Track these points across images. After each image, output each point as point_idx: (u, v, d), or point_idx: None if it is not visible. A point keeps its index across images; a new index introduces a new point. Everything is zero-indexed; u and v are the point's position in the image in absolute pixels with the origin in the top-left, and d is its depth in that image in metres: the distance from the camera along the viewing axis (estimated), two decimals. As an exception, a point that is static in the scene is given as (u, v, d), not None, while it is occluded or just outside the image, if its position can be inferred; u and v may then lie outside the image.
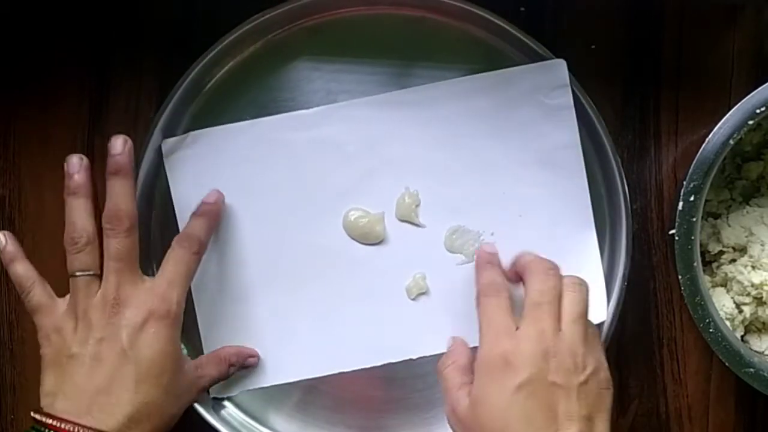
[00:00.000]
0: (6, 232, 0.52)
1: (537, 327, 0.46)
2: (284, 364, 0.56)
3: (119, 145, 0.50)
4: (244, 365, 0.55)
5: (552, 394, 0.45)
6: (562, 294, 0.48)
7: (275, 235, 0.55)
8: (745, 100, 0.50)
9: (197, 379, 0.53)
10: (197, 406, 0.54)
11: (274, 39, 0.55)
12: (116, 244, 0.49)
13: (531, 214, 0.55)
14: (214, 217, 0.54)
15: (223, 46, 0.54)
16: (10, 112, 0.58)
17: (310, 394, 0.56)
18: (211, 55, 0.54)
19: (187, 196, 0.55)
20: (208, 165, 0.55)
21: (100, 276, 0.50)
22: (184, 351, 0.55)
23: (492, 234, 0.55)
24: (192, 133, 0.55)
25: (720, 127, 0.50)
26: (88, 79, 0.58)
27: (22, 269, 0.51)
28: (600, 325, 0.55)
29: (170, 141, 0.55)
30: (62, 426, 0.46)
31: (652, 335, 0.58)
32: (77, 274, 0.50)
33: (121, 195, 0.50)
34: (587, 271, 0.55)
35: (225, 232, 0.56)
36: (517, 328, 0.47)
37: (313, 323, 0.56)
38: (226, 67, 0.55)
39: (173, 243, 0.52)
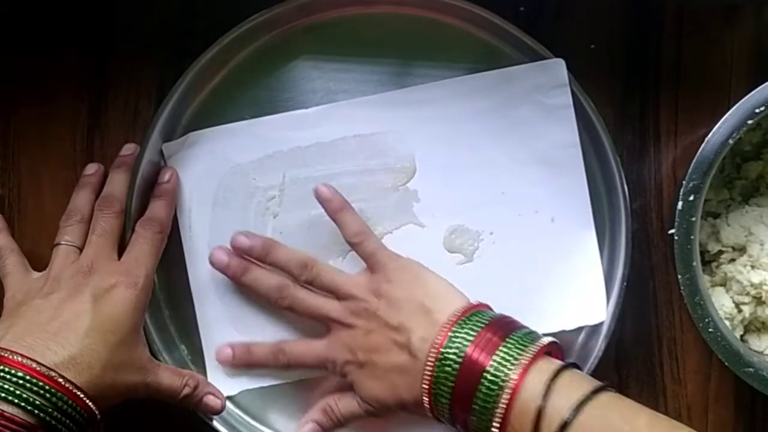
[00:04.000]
0: None
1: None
2: (284, 363, 0.56)
3: (130, 148, 0.56)
4: (201, 400, 0.53)
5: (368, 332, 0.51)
6: None
7: (275, 233, 0.55)
8: (744, 99, 0.50)
9: (145, 371, 0.50)
10: (197, 406, 0.54)
11: (274, 38, 0.55)
12: (102, 222, 0.53)
13: (530, 213, 0.55)
14: (171, 195, 0.55)
15: (222, 46, 0.54)
16: (9, 111, 0.58)
17: (309, 393, 0.56)
18: (210, 54, 0.54)
19: (188, 196, 0.55)
20: (208, 165, 0.55)
21: (81, 252, 0.53)
22: (185, 351, 0.56)
23: (491, 233, 0.55)
24: (192, 133, 0.55)
25: (719, 127, 0.50)
26: (88, 78, 0.58)
27: (3, 240, 0.55)
28: (600, 325, 0.55)
29: (171, 144, 0.55)
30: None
31: (651, 335, 0.58)
32: (62, 242, 0.53)
33: (117, 184, 0.54)
34: (587, 271, 0.55)
35: (225, 230, 0.56)
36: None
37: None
38: (226, 67, 0.55)
39: (136, 227, 0.53)
